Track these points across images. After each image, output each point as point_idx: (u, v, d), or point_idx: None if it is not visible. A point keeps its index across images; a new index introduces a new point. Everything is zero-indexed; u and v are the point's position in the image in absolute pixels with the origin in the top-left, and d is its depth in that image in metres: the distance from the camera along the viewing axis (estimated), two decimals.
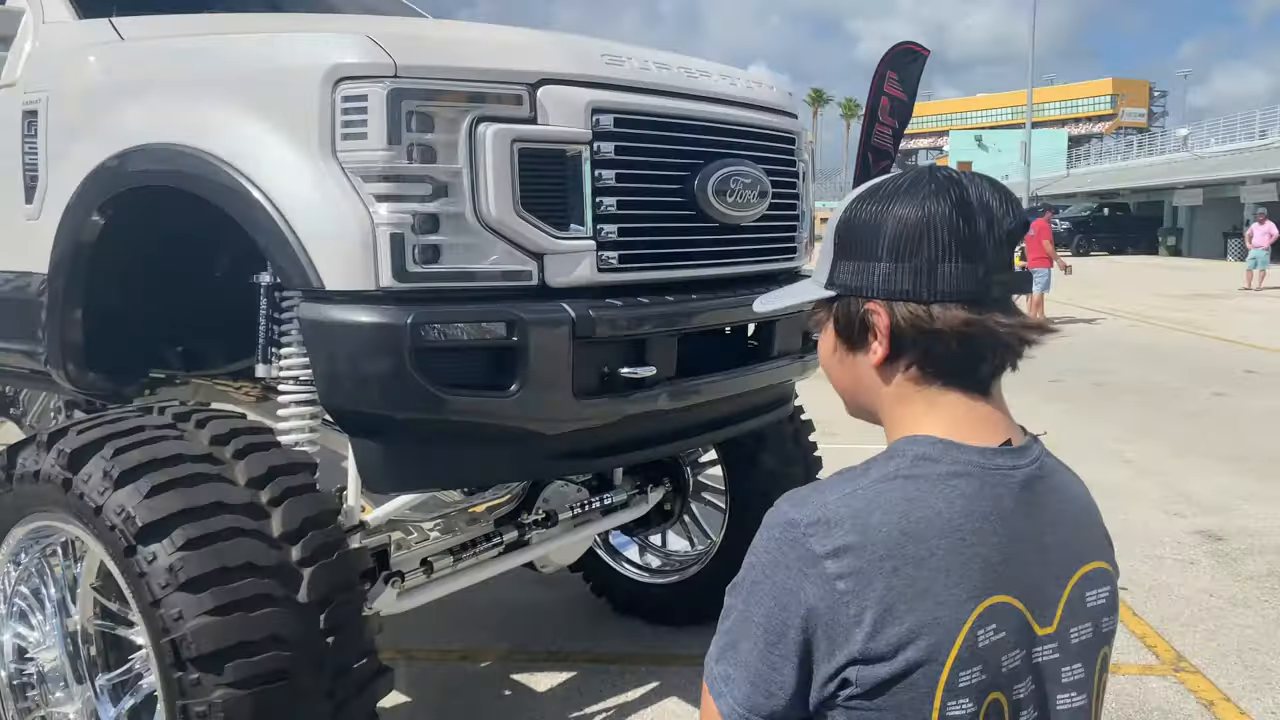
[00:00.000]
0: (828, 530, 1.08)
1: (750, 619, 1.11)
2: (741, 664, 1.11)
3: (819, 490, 1.13)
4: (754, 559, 1.13)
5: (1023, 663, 1.11)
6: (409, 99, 2.25)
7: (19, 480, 2.44)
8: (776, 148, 3.10)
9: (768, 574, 1.10)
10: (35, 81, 2.93)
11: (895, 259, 1.13)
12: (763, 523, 1.15)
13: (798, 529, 1.09)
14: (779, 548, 1.10)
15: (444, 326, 2.26)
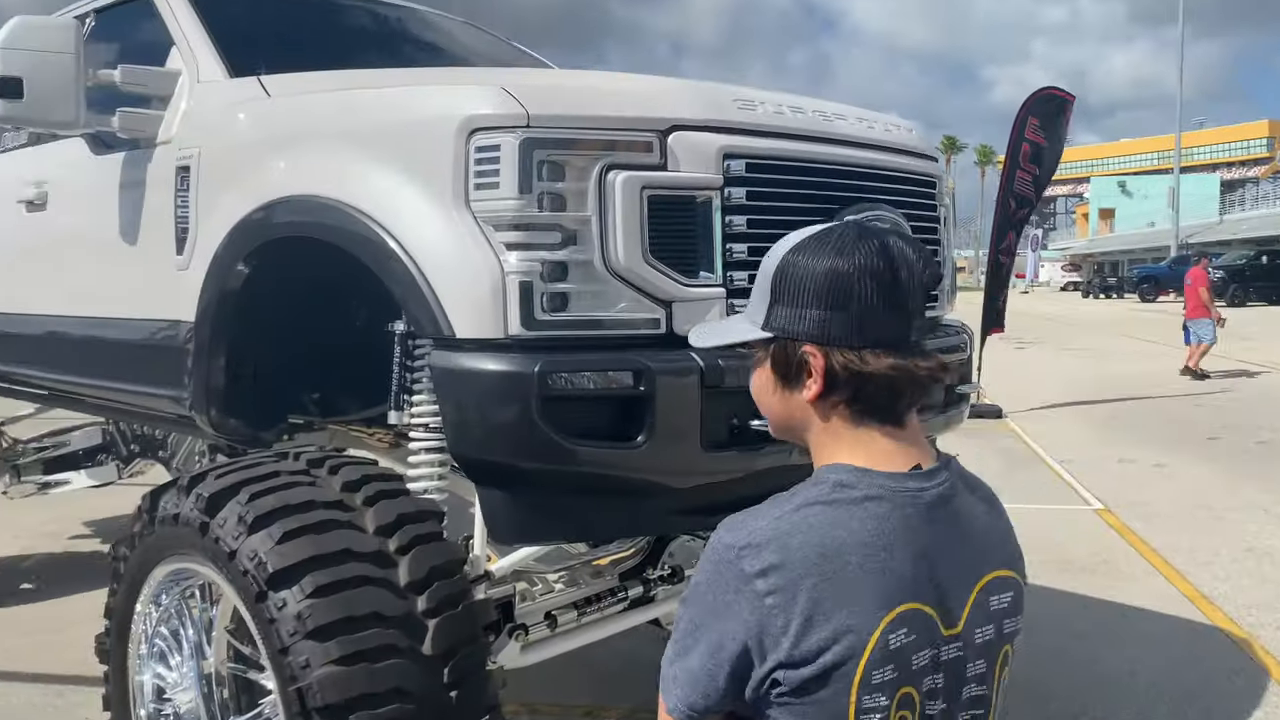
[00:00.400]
0: (756, 553, 1.24)
1: (696, 628, 1.27)
2: (686, 668, 1.28)
3: (751, 516, 1.29)
4: (699, 577, 1.29)
5: (930, 660, 1.27)
6: (540, 148, 2.24)
7: (160, 523, 2.50)
8: (916, 191, 2.98)
9: (709, 590, 1.27)
10: (188, 138, 3.07)
11: (828, 308, 1.28)
12: (709, 544, 1.30)
13: (732, 551, 1.25)
14: (716, 568, 1.27)
15: (571, 375, 2.22)
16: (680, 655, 1.29)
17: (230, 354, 2.97)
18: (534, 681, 3.61)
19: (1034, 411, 11.73)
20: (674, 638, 1.31)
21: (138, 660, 2.77)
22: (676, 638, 1.30)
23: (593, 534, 2.80)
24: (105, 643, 2.79)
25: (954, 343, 3.13)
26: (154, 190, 3.17)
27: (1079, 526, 6.69)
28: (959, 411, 3.14)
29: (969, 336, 3.27)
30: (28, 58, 2.99)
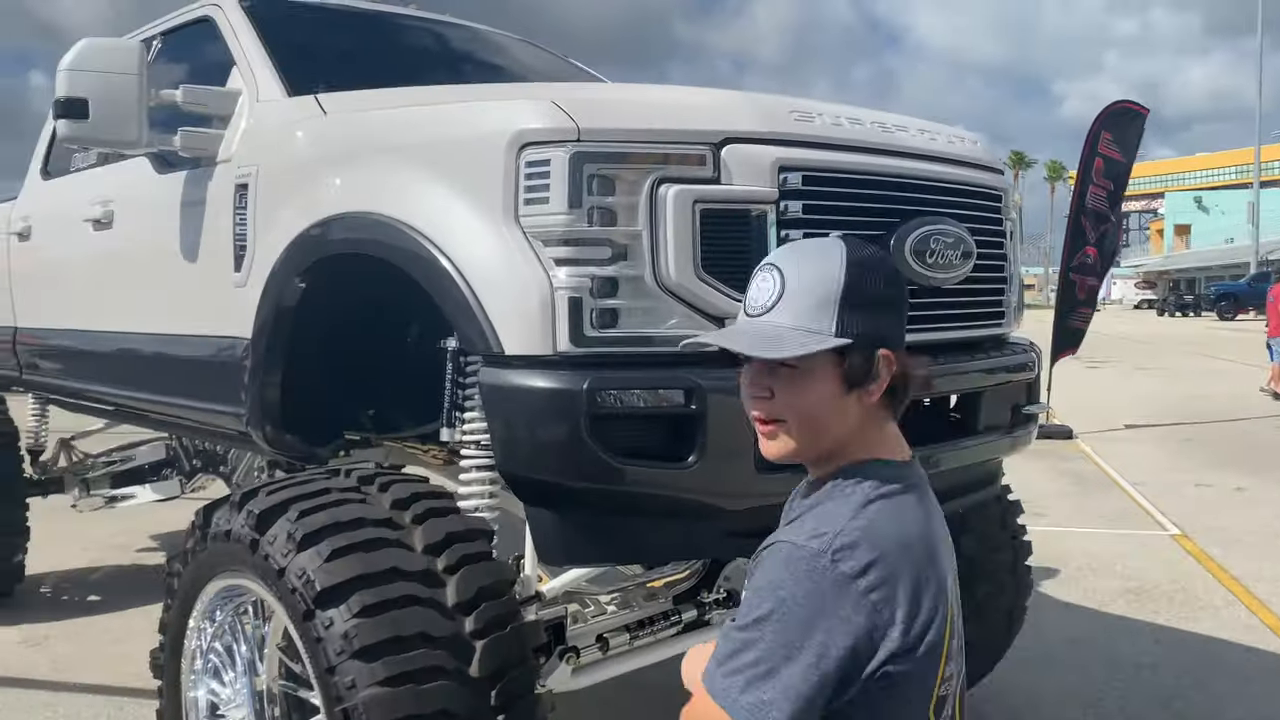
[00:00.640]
0: (851, 553, 1.29)
1: (789, 645, 1.27)
2: (782, 689, 1.26)
3: (824, 521, 1.34)
4: (782, 593, 1.29)
5: (959, 625, 1.45)
6: (590, 162, 2.20)
7: (212, 539, 2.50)
8: (981, 205, 2.89)
9: (805, 603, 1.28)
10: (247, 156, 3.10)
11: (894, 314, 1.42)
12: (775, 559, 1.33)
13: (824, 558, 1.29)
14: (810, 578, 1.28)
15: (620, 393, 2.18)
16: (765, 678, 1.27)
17: (286, 370, 2.98)
18: (585, 706, 3.55)
19: (1107, 433, 11.40)
20: (742, 661, 1.29)
21: (191, 676, 2.77)
22: (750, 659, 1.29)
23: (643, 556, 2.74)
24: (159, 658, 2.79)
25: (1021, 361, 3.02)
26: (214, 208, 3.21)
27: (1154, 552, 6.45)
28: (1026, 432, 3.03)
29: (1036, 355, 3.16)
30: (93, 79, 3.05)
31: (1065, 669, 4.48)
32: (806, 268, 1.40)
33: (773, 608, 1.29)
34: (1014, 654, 4.53)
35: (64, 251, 4.40)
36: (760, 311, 1.40)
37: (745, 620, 1.32)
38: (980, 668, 3.86)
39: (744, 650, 1.30)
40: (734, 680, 1.29)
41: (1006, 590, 3.73)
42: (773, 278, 1.41)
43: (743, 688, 1.28)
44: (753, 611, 1.31)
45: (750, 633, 1.30)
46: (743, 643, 1.30)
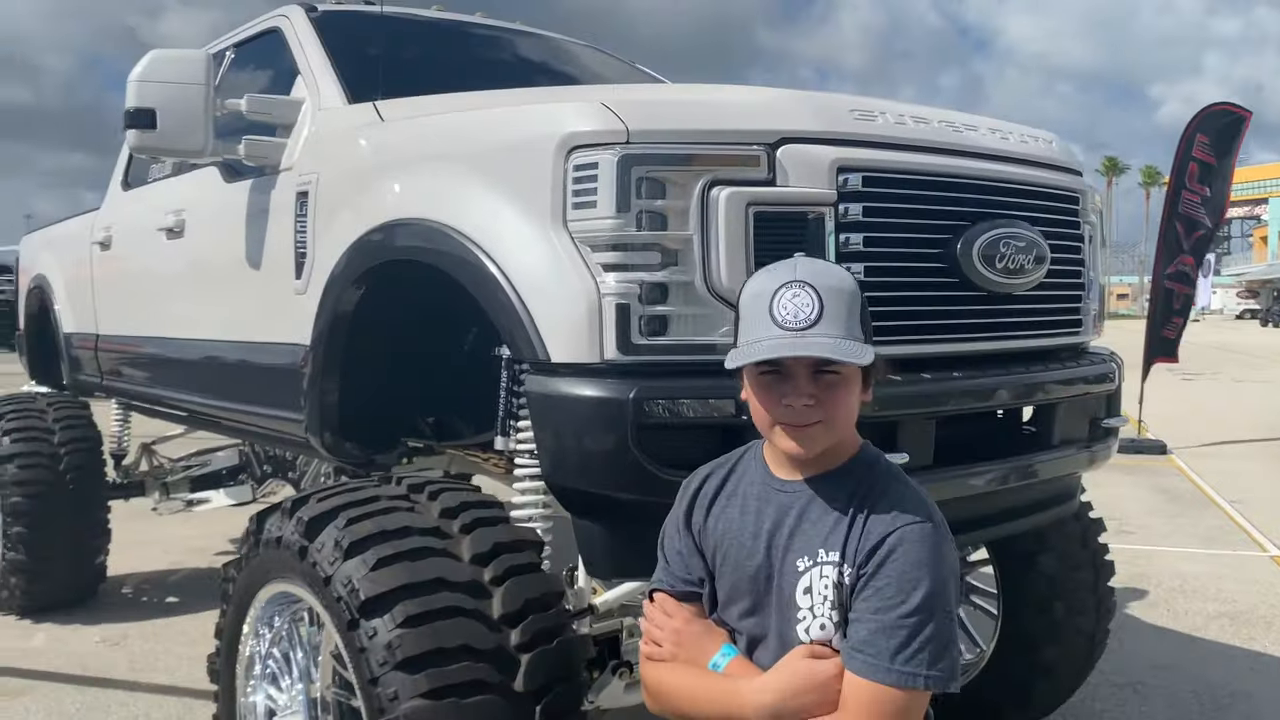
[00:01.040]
0: (944, 522, 1.56)
1: (950, 612, 1.50)
2: (954, 644, 1.50)
3: (914, 503, 1.56)
4: (939, 572, 1.50)
5: None
6: (639, 165, 2.14)
7: (265, 545, 2.50)
8: (1057, 208, 2.75)
9: (946, 573, 1.51)
10: (308, 164, 3.12)
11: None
12: (912, 544, 1.49)
13: (939, 531, 1.53)
14: (939, 550, 1.51)
15: (669, 403, 2.11)
16: (946, 651, 1.49)
17: (344, 377, 2.98)
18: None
19: (1203, 447, 10.92)
20: (919, 640, 1.46)
21: (250, 682, 2.78)
22: (928, 635, 1.47)
23: None
24: (215, 662, 2.81)
25: (1100, 371, 2.86)
26: (276, 215, 3.23)
27: (1252, 575, 6.12)
28: (1106, 446, 2.87)
29: (1117, 366, 2.99)
30: (161, 90, 3.10)
31: (1151, 696, 4.26)
32: (831, 283, 1.55)
33: (929, 587, 1.48)
34: (1096, 679, 4.32)
35: (140, 260, 4.51)
36: (806, 325, 1.50)
37: (904, 606, 1.47)
38: (1060, 692, 3.68)
39: (917, 631, 1.46)
40: (919, 659, 1.46)
41: (1087, 611, 3.55)
42: (809, 294, 1.52)
43: (930, 661, 1.46)
44: (912, 596, 1.47)
45: (918, 614, 1.46)
46: (915, 625, 1.46)
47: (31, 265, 6.22)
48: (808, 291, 1.52)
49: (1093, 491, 3.34)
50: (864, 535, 1.53)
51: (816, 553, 1.56)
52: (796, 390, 1.52)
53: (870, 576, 1.50)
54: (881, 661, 1.46)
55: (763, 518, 1.64)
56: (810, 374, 1.52)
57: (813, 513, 1.59)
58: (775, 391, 1.55)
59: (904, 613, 1.46)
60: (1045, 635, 3.51)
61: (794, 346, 1.50)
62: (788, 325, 1.50)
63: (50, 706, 4.18)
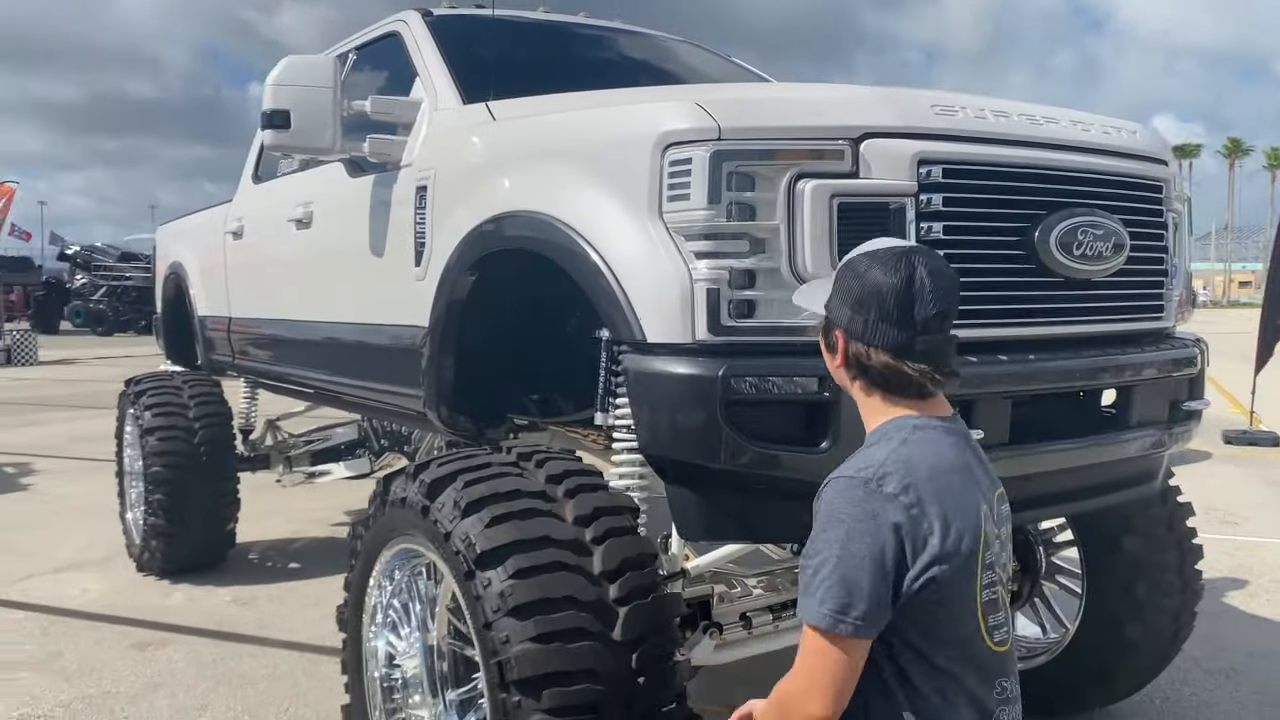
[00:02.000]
0: (889, 479, 1.61)
1: (854, 556, 1.57)
2: (855, 591, 1.56)
3: (867, 459, 1.65)
4: (841, 516, 1.60)
5: (997, 541, 1.74)
6: (729, 160, 2.32)
7: (390, 505, 2.77)
8: (1138, 196, 2.83)
9: (860, 520, 1.59)
10: (427, 160, 3.38)
11: (854, 309, 1.72)
12: (830, 491, 1.63)
13: (871, 485, 1.61)
14: (863, 501, 1.60)
15: (756, 380, 2.29)
16: (841, 583, 1.57)
17: (458, 357, 3.24)
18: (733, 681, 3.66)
19: None
20: (823, 576, 1.58)
21: (371, 629, 3.06)
22: (829, 572, 1.57)
23: (777, 536, 2.84)
24: (344, 613, 3.10)
25: (1181, 356, 2.93)
26: (398, 208, 3.51)
27: None
28: (1185, 428, 2.94)
29: (1201, 351, 3.05)
30: (294, 93, 3.40)
31: (1243, 683, 4.27)
32: (849, 255, 1.82)
33: (835, 530, 1.58)
34: (1188, 664, 4.36)
35: (271, 248, 4.88)
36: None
37: (812, 548, 1.60)
38: (1142, 672, 3.74)
39: (817, 571, 1.58)
40: (813, 598, 1.57)
41: (1172, 593, 3.60)
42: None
43: (822, 599, 1.56)
44: (818, 538, 1.60)
45: (819, 555, 1.58)
46: (815, 566, 1.59)
47: (168, 253, 6.70)
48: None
49: (1201, 482, 3.37)
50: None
51: None
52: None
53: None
54: (802, 602, 1.61)
55: None
56: None
57: None
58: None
59: (808, 554, 1.61)
60: (1128, 614, 3.57)
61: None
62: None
63: (190, 655, 4.59)
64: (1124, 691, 3.79)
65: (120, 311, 36.09)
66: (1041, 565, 3.82)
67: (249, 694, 4.17)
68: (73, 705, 4.05)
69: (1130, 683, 3.76)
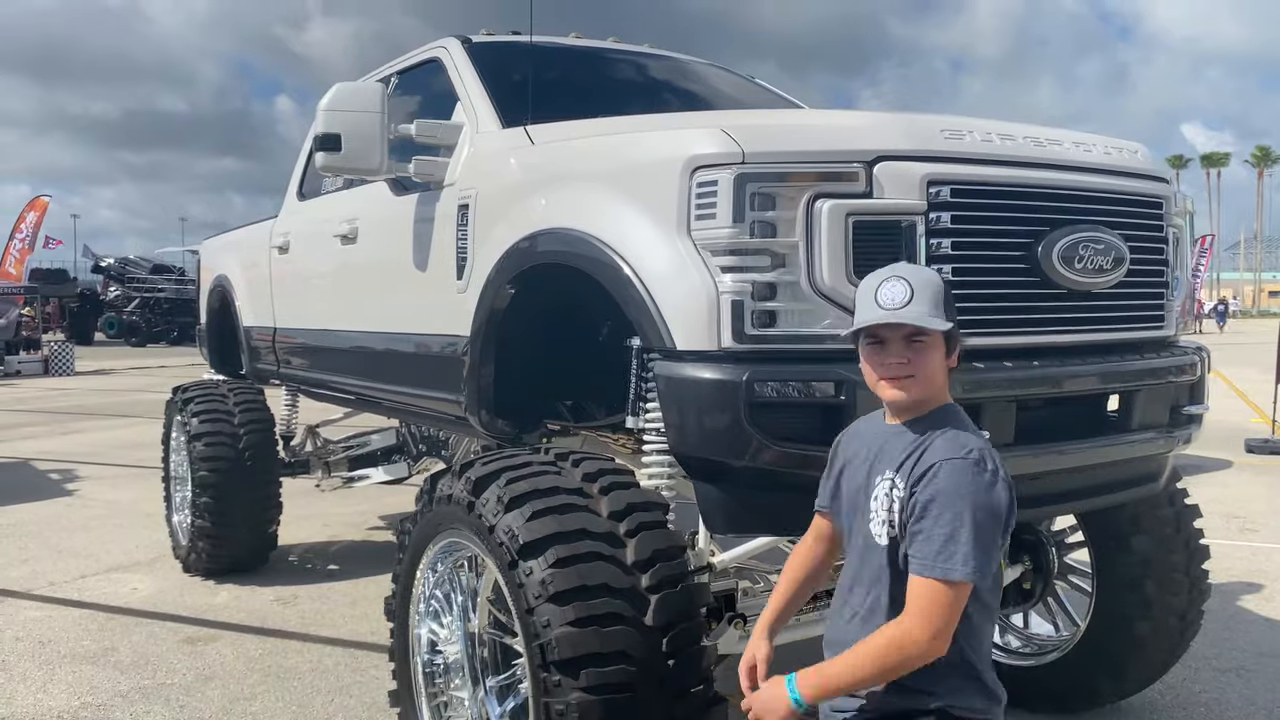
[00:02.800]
0: (990, 459, 1.95)
1: (981, 525, 1.87)
2: (984, 551, 1.87)
3: (963, 441, 1.96)
4: (964, 490, 1.88)
5: None
6: (752, 181, 2.53)
7: (437, 502, 2.98)
8: (1138, 212, 3.00)
9: (982, 495, 1.89)
10: (468, 180, 3.60)
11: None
12: (949, 470, 1.90)
13: (980, 465, 1.92)
14: (977, 478, 1.90)
15: (777, 384, 2.48)
16: (976, 545, 1.86)
17: (497, 364, 3.44)
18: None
19: None
20: (962, 542, 1.86)
21: (416, 617, 3.27)
22: (965, 539, 1.86)
23: (798, 529, 3.00)
24: (391, 603, 3.31)
25: (1181, 362, 3.10)
26: (440, 225, 3.73)
27: None
28: (1186, 432, 3.10)
29: (1200, 359, 3.22)
30: (345, 118, 3.63)
31: (1253, 681, 4.40)
32: (921, 278, 2.03)
33: (961, 503, 1.87)
34: (1199, 664, 4.50)
35: (316, 262, 5.12)
36: (900, 306, 1.98)
37: (941, 519, 1.88)
38: (1152, 668, 3.89)
39: (953, 536, 1.86)
40: (953, 558, 1.85)
41: (1179, 591, 3.75)
42: (903, 285, 2.00)
43: (965, 559, 1.85)
44: (946, 511, 1.88)
45: (951, 524, 1.87)
46: (949, 533, 1.86)
47: (213, 266, 6.96)
48: (902, 282, 2.00)
49: (1223, 489, 3.50)
50: (919, 462, 1.97)
51: (885, 471, 2.04)
52: (894, 353, 2.00)
53: (916, 496, 1.94)
54: (928, 562, 1.88)
55: (871, 448, 2.12)
56: (904, 341, 1.99)
57: (896, 444, 2.05)
58: (878, 356, 2.03)
59: (940, 525, 1.88)
60: (1137, 612, 3.73)
61: (890, 318, 1.99)
62: (889, 305, 1.99)
63: (238, 651, 4.82)
64: (1135, 686, 3.94)
65: (153, 323, 36.76)
66: (1054, 565, 3.98)
67: (295, 685, 4.39)
68: (130, 695, 4.28)
69: (1140, 678, 3.91)
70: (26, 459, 10.75)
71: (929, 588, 1.87)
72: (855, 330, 2.07)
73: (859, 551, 2.12)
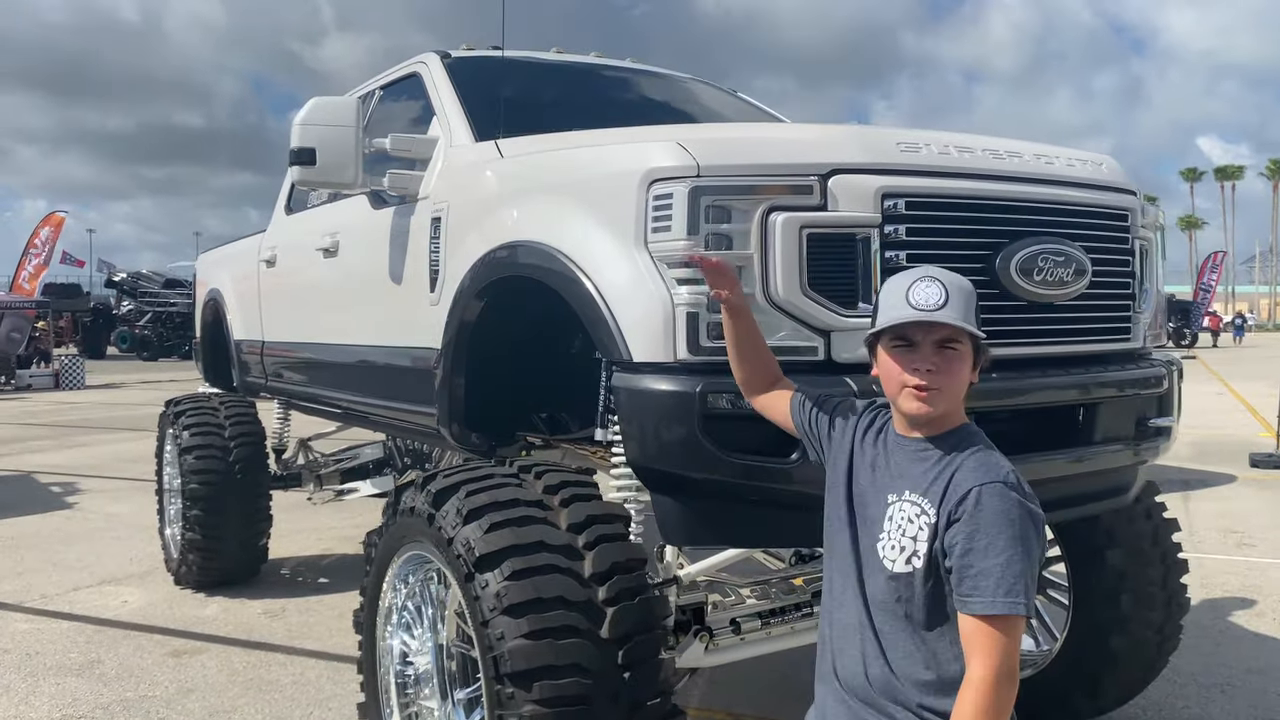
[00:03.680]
0: (1023, 483, 1.85)
1: (1029, 552, 1.78)
2: (1033, 579, 1.79)
3: (997, 464, 1.87)
4: (1012, 517, 1.79)
5: None
6: (707, 194, 2.54)
7: (401, 514, 2.99)
8: (1101, 225, 3.00)
9: (1027, 520, 1.80)
10: (441, 193, 3.63)
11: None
12: (994, 496, 1.80)
13: (1019, 489, 1.83)
14: (1020, 503, 1.81)
15: (731, 395, 2.48)
16: (1027, 575, 1.77)
17: (469, 376, 3.46)
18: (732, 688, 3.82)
19: None
20: (1016, 572, 1.76)
21: (388, 629, 3.27)
22: (1020, 569, 1.76)
23: (754, 541, 3.02)
24: (359, 615, 3.32)
25: (1148, 375, 3.09)
26: (415, 238, 3.76)
27: None
28: (1154, 444, 3.09)
29: (1171, 371, 3.20)
30: (319, 131, 3.67)
31: (1237, 697, 4.36)
32: (955, 282, 1.92)
33: (1010, 530, 1.78)
34: (1184, 679, 4.47)
35: (301, 276, 5.15)
36: (935, 308, 1.87)
37: (991, 550, 1.77)
38: (1130, 683, 3.87)
39: (1009, 567, 1.76)
40: (1011, 592, 1.75)
41: (1156, 606, 3.73)
42: (938, 286, 1.89)
43: (1023, 591, 1.76)
44: (996, 541, 1.78)
45: (1004, 554, 1.76)
46: (1004, 564, 1.76)
47: (207, 280, 7.02)
48: (937, 285, 1.89)
49: (1224, 504, 3.46)
50: (950, 487, 1.85)
51: (904, 493, 1.93)
52: (923, 358, 1.87)
53: (961, 522, 1.82)
54: (988, 598, 1.76)
55: (879, 454, 2.02)
56: (935, 347, 1.87)
57: (911, 463, 1.94)
58: (905, 360, 1.89)
59: (991, 557, 1.77)
60: (1113, 627, 3.71)
61: (928, 318, 1.87)
62: (923, 306, 1.87)
63: (222, 664, 4.83)
64: (1112, 703, 3.91)
65: (165, 337, 37.00)
66: None
67: (275, 698, 4.40)
68: (111, 707, 4.30)
69: (1118, 695, 3.88)
70: (30, 472, 10.82)
71: (996, 624, 1.76)
72: (880, 330, 1.93)
73: (847, 568, 2.01)
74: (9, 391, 23.43)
